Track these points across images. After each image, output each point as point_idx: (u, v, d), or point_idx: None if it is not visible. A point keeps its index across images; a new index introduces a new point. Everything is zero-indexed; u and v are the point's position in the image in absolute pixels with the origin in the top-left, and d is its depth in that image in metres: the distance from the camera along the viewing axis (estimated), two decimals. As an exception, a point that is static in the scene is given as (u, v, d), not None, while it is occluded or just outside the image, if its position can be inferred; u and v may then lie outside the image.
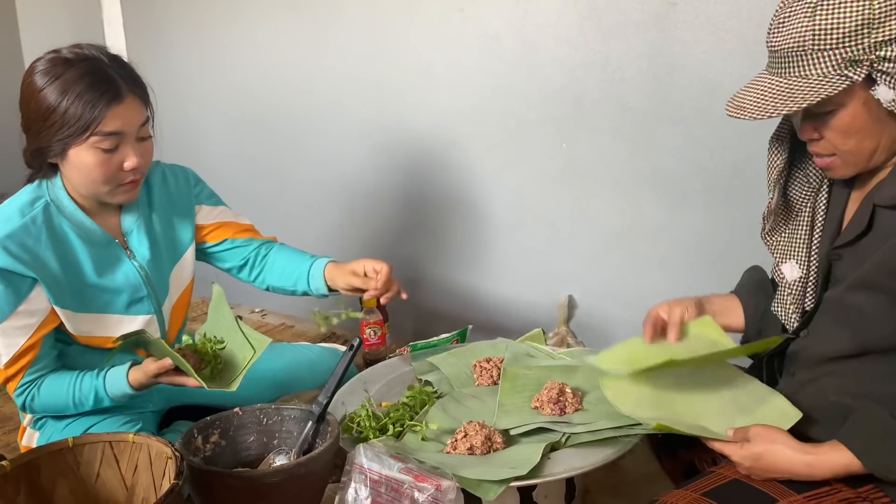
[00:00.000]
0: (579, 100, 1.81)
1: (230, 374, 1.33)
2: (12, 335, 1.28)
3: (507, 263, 2.05)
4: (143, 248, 1.43)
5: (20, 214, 1.29)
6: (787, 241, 1.19)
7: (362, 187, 2.30)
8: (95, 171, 1.27)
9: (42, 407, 1.35)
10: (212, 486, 1.14)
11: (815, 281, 1.17)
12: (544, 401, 1.37)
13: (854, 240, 1.08)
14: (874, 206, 1.05)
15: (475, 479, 1.17)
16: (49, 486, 1.09)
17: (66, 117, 1.22)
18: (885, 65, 0.96)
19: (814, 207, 1.16)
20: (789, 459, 1.02)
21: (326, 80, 2.28)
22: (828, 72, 0.98)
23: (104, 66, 1.26)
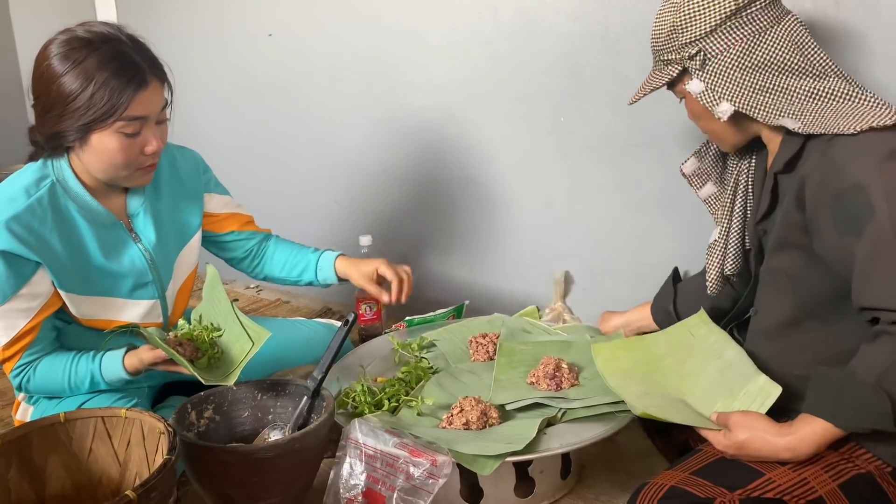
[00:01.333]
0: (578, 72, 1.78)
1: (227, 364, 1.32)
2: (13, 317, 1.27)
3: (504, 239, 2.04)
4: (148, 232, 1.41)
5: (26, 195, 1.27)
6: (720, 211, 1.31)
7: (357, 162, 2.28)
8: (118, 156, 1.25)
9: (37, 388, 1.34)
10: (206, 461, 1.14)
11: (736, 248, 1.27)
12: (540, 376, 1.37)
13: (768, 212, 1.20)
14: (776, 176, 1.17)
15: (471, 454, 1.16)
16: (41, 460, 1.09)
17: (92, 103, 1.19)
18: (690, 62, 1.15)
19: (737, 178, 1.28)
20: (772, 445, 1.04)
21: (320, 53, 2.25)
22: (660, 68, 1.21)
23: (127, 49, 1.23)
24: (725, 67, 1.13)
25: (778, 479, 1.04)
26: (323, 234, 2.42)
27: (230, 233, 1.59)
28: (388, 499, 1.13)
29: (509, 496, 1.29)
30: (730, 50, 1.12)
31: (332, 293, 2.45)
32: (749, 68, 1.12)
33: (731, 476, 1.05)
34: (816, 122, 1.08)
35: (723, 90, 1.13)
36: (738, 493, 1.02)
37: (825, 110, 1.09)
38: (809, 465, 1.04)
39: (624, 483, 1.38)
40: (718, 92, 1.13)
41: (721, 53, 1.13)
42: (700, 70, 1.14)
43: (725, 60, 1.13)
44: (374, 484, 1.15)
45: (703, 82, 1.14)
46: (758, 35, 1.12)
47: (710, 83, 1.14)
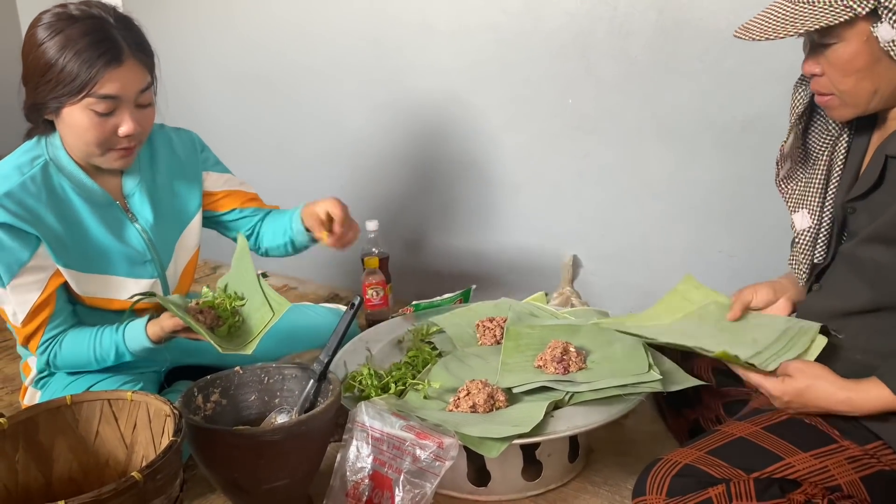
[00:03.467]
0: (585, 54, 1.76)
1: (247, 333, 1.32)
2: (24, 292, 1.27)
3: (511, 223, 2.02)
4: (145, 212, 1.40)
5: (18, 173, 1.27)
6: (801, 190, 1.17)
7: (363, 146, 2.27)
8: (88, 134, 1.23)
9: (65, 363, 1.35)
10: (213, 444, 1.14)
11: (827, 233, 1.15)
12: (548, 360, 1.36)
13: (867, 192, 1.07)
14: (886, 158, 1.04)
15: (478, 437, 1.16)
16: (48, 443, 1.09)
17: (63, 75, 1.18)
18: (892, 1, 0.93)
19: (831, 157, 1.13)
20: (831, 395, 1.01)
21: (325, 36, 2.23)
22: (833, 0, 0.96)
23: (109, 26, 1.22)
24: None
25: (798, 464, 1.02)
26: (329, 219, 2.41)
27: (231, 211, 1.56)
28: (394, 481, 1.13)
29: (517, 479, 1.29)
30: None
31: (339, 278, 2.45)
32: None
33: (749, 458, 1.03)
34: None
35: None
36: (754, 475, 1.01)
37: None
38: (832, 455, 1.03)
39: (632, 466, 1.37)
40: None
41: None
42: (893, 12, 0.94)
43: None
44: (380, 467, 1.15)
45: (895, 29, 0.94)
46: None
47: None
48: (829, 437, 1.04)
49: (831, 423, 1.05)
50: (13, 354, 2.04)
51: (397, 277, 2.20)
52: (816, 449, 1.03)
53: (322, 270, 2.49)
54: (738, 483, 1.01)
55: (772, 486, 1.02)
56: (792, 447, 1.03)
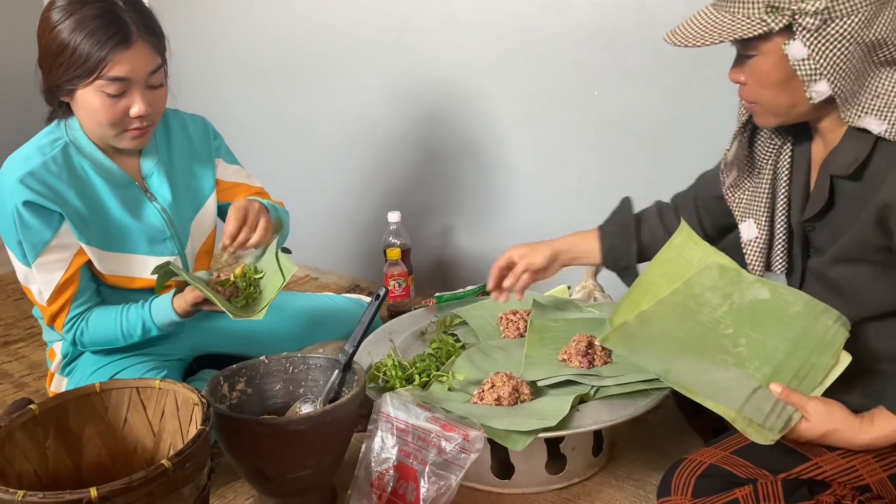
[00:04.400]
0: (612, 45, 1.74)
1: (261, 303, 1.33)
2: (48, 270, 1.30)
3: (534, 215, 2.01)
4: (164, 191, 1.42)
5: (40, 154, 1.29)
6: (748, 199, 1.16)
7: (384, 137, 2.26)
8: (100, 115, 1.25)
9: (91, 340, 1.36)
10: (238, 432, 1.14)
11: (783, 246, 1.13)
12: (572, 353, 1.36)
13: (821, 213, 1.06)
14: (831, 178, 1.03)
15: (503, 430, 1.16)
16: (77, 429, 1.10)
17: (74, 57, 1.20)
18: (806, 19, 0.92)
19: (776, 166, 1.12)
20: (851, 440, 0.99)
21: (347, 27, 2.22)
22: (751, 13, 0.95)
23: (118, 8, 1.23)
24: (842, 37, 0.91)
25: (825, 465, 1.01)
26: (350, 210, 2.41)
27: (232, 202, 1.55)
28: (419, 472, 1.13)
29: (540, 473, 1.29)
30: (854, 16, 0.91)
31: (361, 269, 2.45)
32: (861, 45, 0.92)
33: (775, 458, 1.02)
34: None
35: (828, 65, 0.93)
36: (781, 476, 1.00)
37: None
38: (860, 453, 1.01)
39: (656, 462, 1.36)
40: (823, 66, 0.93)
41: (845, 17, 0.91)
42: (812, 33, 0.92)
43: (846, 28, 0.91)
44: (405, 458, 1.15)
45: (808, 48, 0.93)
46: (881, 5, 0.92)
47: (818, 52, 0.92)
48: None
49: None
50: (40, 341, 2.06)
51: (419, 269, 2.20)
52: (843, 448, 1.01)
53: (344, 261, 2.50)
54: (766, 484, 1.00)
55: (800, 488, 1.01)
56: (819, 447, 1.02)
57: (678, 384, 1.05)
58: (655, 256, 1.22)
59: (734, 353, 1.07)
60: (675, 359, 1.09)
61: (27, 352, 2.02)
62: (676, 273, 1.16)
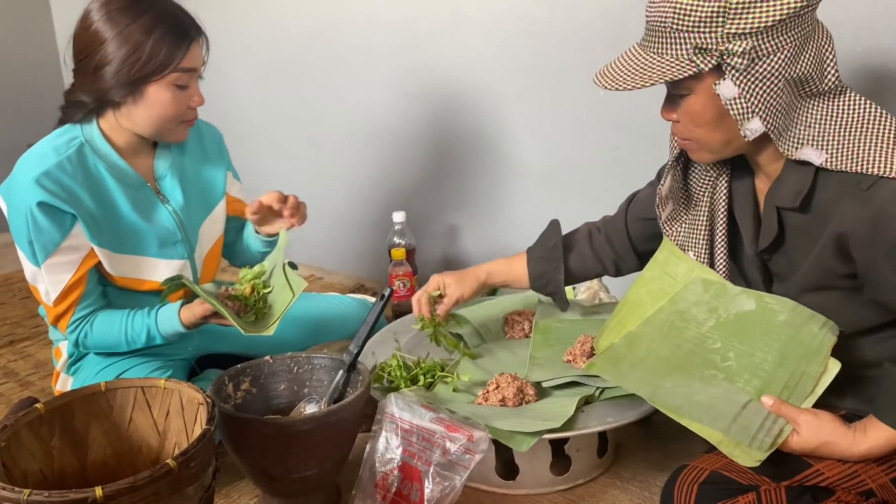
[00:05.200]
0: (619, 44, 1.72)
1: (271, 318, 1.33)
2: (58, 271, 1.31)
3: (539, 215, 2.00)
4: (176, 194, 1.44)
5: (56, 153, 1.31)
6: (686, 233, 1.15)
7: (389, 137, 2.26)
8: (170, 108, 1.31)
9: (95, 343, 1.37)
10: (243, 432, 1.14)
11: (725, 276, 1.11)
12: (577, 354, 1.35)
13: (774, 244, 1.06)
14: (777, 209, 1.03)
15: (508, 431, 1.15)
16: (83, 428, 1.10)
17: (152, 53, 1.26)
18: (734, 59, 0.92)
19: (712, 199, 1.12)
20: (844, 453, 0.98)
21: (354, 25, 2.23)
22: (679, 55, 0.95)
23: (174, 7, 1.32)
24: (771, 75, 0.92)
25: (827, 471, 1.00)
26: (355, 210, 2.42)
27: (233, 217, 1.59)
28: (424, 473, 1.12)
29: (545, 474, 1.28)
30: (780, 53, 0.92)
31: (366, 269, 2.45)
32: (788, 82, 0.93)
33: (777, 465, 1.01)
34: (845, 155, 0.94)
35: (759, 103, 0.94)
36: (784, 483, 0.99)
37: (850, 138, 0.94)
38: None
39: (661, 463, 1.36)
40: (754, 104, 0.94)
41: (770, 56, 0.92)
42: (741, 72, 0.92)
43: (773, 65, 0.92)
44: (409, 458, 1.15)
45: (738, 87, 0.93)
46: (804, 41, 0.93)
47: (749, 91, 0.93)
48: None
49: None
50: (45, 340, 2.07)
51: (424, 269, 2.20)
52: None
53: (348, 261, 2.50)
54: (770, 491, 0.99)
55: (804, 495, 1.00)
56: None
57: (665, 407, 1.05)
58: (640, 275, 1.22)
59: (723, 367, 1.06)
60: (662, 379, 1.08)
61: (33, 350, 2.02)
62: (661, 290, 1.16)
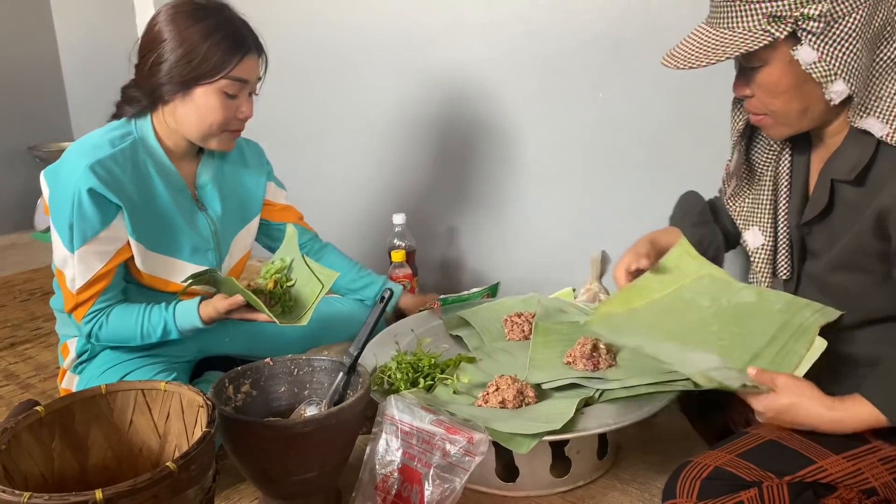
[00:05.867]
0: (618, 47, 1.74)
1: (299, 311, 1.36)
2: (89, 261, 1.32)
3: (539, 218, 2.01)
4: (215, 204, 1.47)
5: (110, 145, 1.34)
6: (749, 208, 1.17)
7: (390, 138, 2.26)
8: (216, 113, 1.33)
9: (108, 336, 1.38)
10: (243, 435, 1.15)
11: (786, 251, 1.14)
12: (577, 356, 1.36)
13: (819, 216, 1.07)
14: (832, 181, 1.03)
15: (507, 433, 1.16)
16: (83, 431, 1.10)
17: (207, 55, 1.30)
18: (810, 24, 0.92)
19: (776, 173, 1.13)
20: (817, 415, 1.00)
21: (355, 28, 2.23)
22: (752, 26, 0.95)
23: (239, 21, 1.36)
24: (848, 36, 0.92)
25: (830, 467, 1.01)
26: (356, 212, 2.42)
27: (283, 223, 1.63)
28: (424, 475, 1.13)
29: (545, 476, 1.29)
30: (855, 13, 0.92)
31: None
32: (866, 42, 0.93)
33: (780, 461, 1.02)
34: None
35: (841, 65, 0.93)
36: (786, 479, 1.00)
37: None
38: (864, 457, 1.01)
39: (661, 465, 1.36)
40: (836, 66, 0.93)
41: (847, 17, 0.92)
42: (818, 36, 0.93)
43: (850, 26, 0.92)
44: (410, 460, 1.15)
45: (817, 51, 0.93)
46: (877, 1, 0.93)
47: (829, 53, 0.93)
48: (860, 437, 1.02)
49: None
50: (46, 342, 2.07)
51: (424, 271, 2.20)
52: (849, 451, 1.02)
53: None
54: (772, 487, 0.99)
55: (805, 491, 1.01)
56: (824, 450, 1.02)
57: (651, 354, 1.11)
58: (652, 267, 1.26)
59: (718, 345, 1.11)
60: (656, 343, 1.14)
61: (34, 353, 2.03)
62: (671, 281, 1.20)
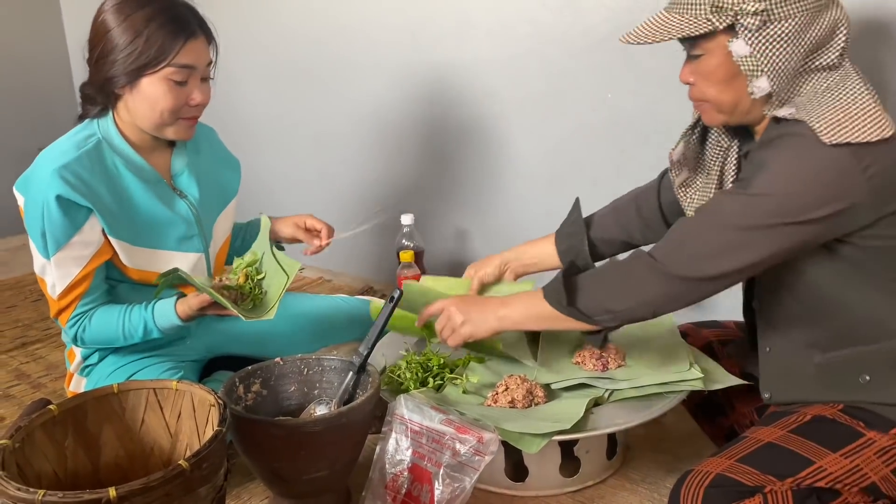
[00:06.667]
0: (625, 48, 1.74)
1: (269, 303, 1.35)
2: (66, 266, 1.32)
3: (547, 219, 2.00)
4: (192, 189, 1.46)
5: (75, 148, 1.33)
6: (699, 197, 1.22)
7: (398, 139, 2.27)
8: (163, 102, 1.31)
9: (92, 338, 1.38)
10: (254, 434, 1.15)
11: None
12: (586, 356, 1.36)
13: None
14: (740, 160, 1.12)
15: (518, 432, 1.16)
16: (95, 430, 1.11)
17: (148, 44, 1.27)
18: (747, 19, 0.99)
19: (723, 166, 1.18)
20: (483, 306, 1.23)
21: (362, 30, 2.24)
22: (698, 13, 1.03)
23: (182, 6, 1.33)
24: (780, 38, 1.00)
25: (829, 466, 1.01)
26: (363, 212, 2.42)
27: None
28: (434, 474, 1.13)
29: (554, 475, 1.29)
30: (791, 20, 0.99)
31: (374, 272, 2.46)
32: (797, 47, 1.00)
33: (780, 464, 1.02)
34: (805, 109, 1.00)
35: (768, 63, 1.01)
36: (788, 482, 1.00)
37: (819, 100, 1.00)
38: (861, 451, 1.02)
39: (670, 465, 1.36)
40: (764, 64, 1.01)
41: (783, 20, 0.99)
42: (753, 32, 1.00)
43: (783, 30, 0.99)
44: (419, 460, 1.15)
45: (749, 46, 1.01)
46: (816, 13, 1.00)
47: (759, 50, 1.00)
48: (854, 432, 1.04)
49: (854, 416, 1.06)
50: (57, 342, 2.09)
51: (432, 271, 2.20)
52: (845, 447, 1.03)
53: (357, 263, 2.51)
54: (776, 493, 1.00)
55: (810, 497, 1.01)
56: (821, 448, 1.03)
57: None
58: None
59: None
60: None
61: (45, 353, 2.04)
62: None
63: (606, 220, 1.43)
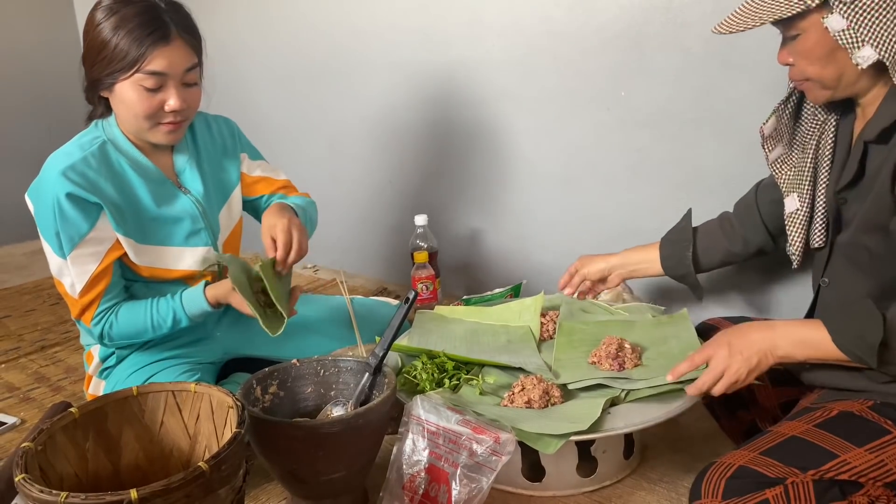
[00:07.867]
0: (639, 45, 1.73)
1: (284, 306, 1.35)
2: (83, 263, 1.34)
3: (562, 218, 2.01)
4: (196, 184, 1.48)
5: (80, 150, 1.35)
6: (793, 175, 1.22)
7: (411, 139, 2.27)
8: (136, 107, 1.31)
9: (120, 333, 1.39)
10: (272, 435, 1.16)
11: (822, 220, 1.19)
12: (602, 356, 1.35)
13: (852, 182, 1.11)
14: (865, 145, 1.08)
15: (535, 433, 1.16)
16: (116, 432, 1.12)
17: (116, 52, 1.28)
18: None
19: (819, 142, 1.18)
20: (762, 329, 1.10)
21: (374, 30, 2.24)
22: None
23: (159, 9, 1.31)
24: (877, 5, 0.98)
25: (853, 460, 1.01)
26: (378, 213, 2.43)
27: (261, 197, 1.61)
28: (451, 475, 1.13)
29: (571, 475, 1.28)
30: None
31: (388, 272, 2.47)
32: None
33: (803, 457, 1.02)
34: None
35: (869, 32, 0.99)
36: (810, 474, 0.99)
37: None
38: (888, 447, 1.01)
39: (688, 464, 1.36)
40: (864, 33, 0.99)
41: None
42: (848, 5, 0.99)
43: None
44: (436, 460, 1.16)
45: (846, 19, 1.00)
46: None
47: (857, 21, 0.99)
48: (881, 428, 1.03)
49: (882, 413, 1.05)
50: (75, 345, 2.11)
51: (446, 272, 2.21)
52: (871, 442, 1.02)
53: (371, 264, 2.51)
54: (797, 484, 0.99)
55: (832, 488, 1.00)
56: (846, 443, 1.02)
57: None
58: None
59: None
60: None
61: (64, 356, 2.06)
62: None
63: (712, 228, 1.45)
